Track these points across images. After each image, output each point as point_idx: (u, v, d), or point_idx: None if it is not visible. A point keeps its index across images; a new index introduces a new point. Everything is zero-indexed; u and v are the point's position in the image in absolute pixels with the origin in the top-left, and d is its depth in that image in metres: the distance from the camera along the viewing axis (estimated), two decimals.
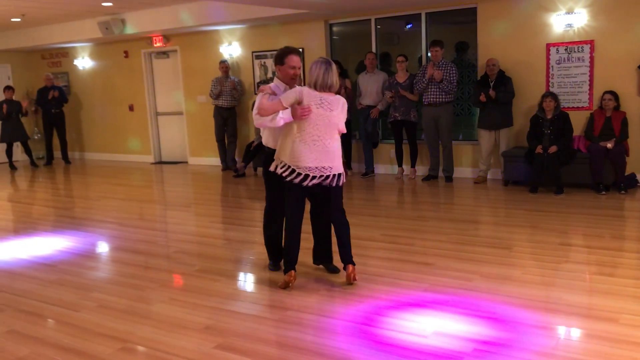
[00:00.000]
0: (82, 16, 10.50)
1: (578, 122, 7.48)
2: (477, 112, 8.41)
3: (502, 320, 3.61)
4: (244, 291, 4.52)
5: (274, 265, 4.73)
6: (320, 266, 4.70)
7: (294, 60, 4.34)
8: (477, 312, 3.73)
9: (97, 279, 4.85)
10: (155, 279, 4.72)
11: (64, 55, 13.06)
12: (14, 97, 11.91)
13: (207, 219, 7.00)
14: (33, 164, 12.18)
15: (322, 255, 4.69)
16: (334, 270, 4.60)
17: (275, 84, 4.41)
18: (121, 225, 6.67)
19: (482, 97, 7.71)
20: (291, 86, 4.37)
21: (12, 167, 11.93)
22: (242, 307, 4.05)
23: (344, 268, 4.35)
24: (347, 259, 4.34)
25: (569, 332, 3.50)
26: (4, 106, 11.65)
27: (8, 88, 11.92)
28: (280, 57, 4.37)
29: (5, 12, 9.64)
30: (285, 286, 4.26)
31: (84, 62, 12.73)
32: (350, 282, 4.29)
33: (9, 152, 11.95)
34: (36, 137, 13.49)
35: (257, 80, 10.24)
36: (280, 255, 4.66)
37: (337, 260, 4.55)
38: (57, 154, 12.67)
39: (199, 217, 7.19)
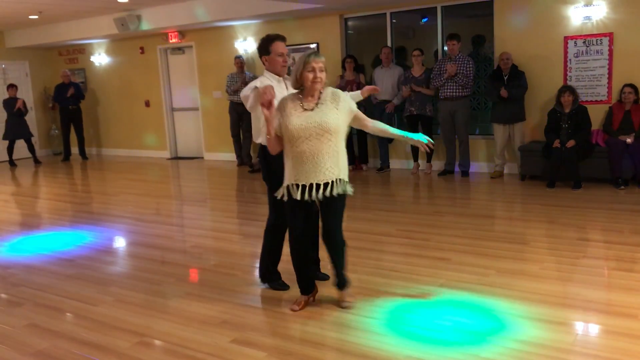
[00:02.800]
0: (98, 13, 10.57)
1: (597, 115, 7.39)
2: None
3: (519, 315, 3.58)
4: (260, 286, 4.52)
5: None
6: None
7: (281, 46, 3.97)
8: (493, 308, 3.71)
9: (114, 274, 4.90)
10: (172, 273, 4.75)
11: (81, 51, 13.16)
12: (17, 95, 11.99)
13: (223, 214, 7.02)
14: (36, 161, 12.21)
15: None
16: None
17: (267, 77, 4.00)
18: (138, 220, 6.72)
19: (504, 93, 7.61)
20: (281, 76, 4.01)
21: (12, 164, 12.00)
22: (258, 302, 4.06)
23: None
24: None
25: (587, 328, 3.46)
26: (19, 101, 11.78)
27: (12, 86, 12.01)
28: (265, 46, 3.98)
29: (23, 10, 9.74)
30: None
31: (100, 58, 12.82)
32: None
33: (10, 149, 12.00)
34: (54, 134, 13.64)
35: None
36: None
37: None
38: (75, 149, 12.79)
39: (215, 212, 7.22)
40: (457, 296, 3.93)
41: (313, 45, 9.72)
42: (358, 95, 4.20)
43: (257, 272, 4.81)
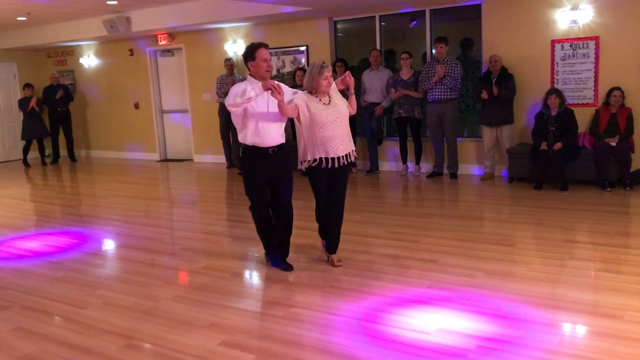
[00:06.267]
0: (87, 14, 10.53)
1: (583, 118, 7.46)
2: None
3: (506, 317, 3.61)
4: (248, 288, 4.54)
5: None
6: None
7: (265, 53, 4.37)
8: (481, 309, 3.74)
9: (103, 277, 4.88)
10: (161, 276, 4.74)
11: (70, 53, 13.10)
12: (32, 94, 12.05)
13: (212, 217, 7.02)
14: (44, 162, 12.23)
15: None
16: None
17: (251, 81, 4.42)
18: (127, 223, 6.69)
19: (484, 95, 7.70)
20: (265, 80, 4.36)
21: (26, 164, 12.00)
22: (246, 304, 4.07)
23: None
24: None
25: (573, 329, 3.50)
26: (33, 100, 11.83)
27: (28, 85, 12.10)
28: (251, 52, 4.39)
29: (11, 11, 9.68)
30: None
31: (89, 60, 12.76)
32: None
33: (26, 150, 12.03)
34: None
35: None
36: None
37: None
38: (63, 151, 12.72)
39: (205, 215, 7.21)
40: (444, 297, 3.95)
41: (302, 48, 9.73)
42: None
43: (246, 274, 4.83)
